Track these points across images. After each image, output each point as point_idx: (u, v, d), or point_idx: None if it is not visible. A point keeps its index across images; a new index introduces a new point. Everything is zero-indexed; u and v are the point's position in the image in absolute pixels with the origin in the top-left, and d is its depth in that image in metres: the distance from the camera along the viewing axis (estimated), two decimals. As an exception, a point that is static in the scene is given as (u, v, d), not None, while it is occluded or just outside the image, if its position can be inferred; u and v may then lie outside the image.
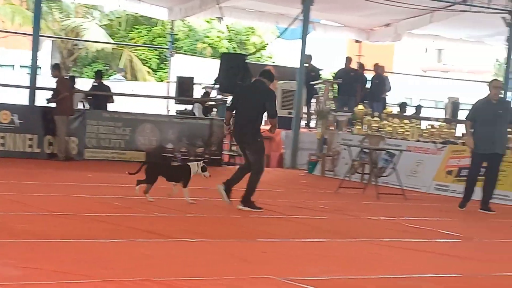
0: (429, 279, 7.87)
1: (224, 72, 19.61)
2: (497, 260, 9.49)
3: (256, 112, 12.05)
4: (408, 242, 10.19)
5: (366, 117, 19.16)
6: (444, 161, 17.01)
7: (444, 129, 18.41)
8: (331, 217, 12.18)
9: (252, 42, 42.91)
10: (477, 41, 28.72)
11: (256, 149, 12.04)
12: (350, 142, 18.05)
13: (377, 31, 27.29)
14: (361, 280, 7.55)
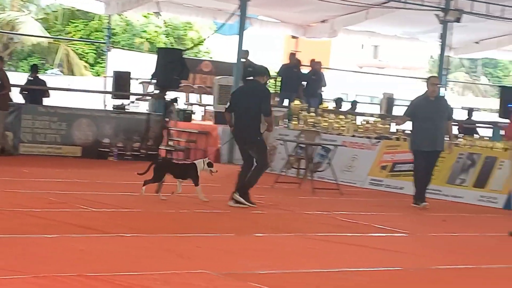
0: (362, 273, 7.93)
1: (161, 67, 19.52)
2: (429, 254, 9.60)
3: (254, 112, 12.29)
4: (342, 237, 10.26)
5: (302, 112, 19.25)
6: (378, 156, 17.18)
7: (379, 124, 18.59)
8: (267, 211, 12.20)
9: (189, 37, 42.81)
10: (412, 38, 29.04)
11: (258, 147, 12.43)
12: (287, 137, 18.11)
13: (313, 27, 27.41)
14: (295, 274, 7.58)
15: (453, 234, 11.43)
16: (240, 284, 6.83)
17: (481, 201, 15.04)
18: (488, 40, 28.93)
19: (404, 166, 16.42)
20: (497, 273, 8.62)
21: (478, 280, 8.17)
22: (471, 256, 9.68)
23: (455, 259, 9.32)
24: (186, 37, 42.77)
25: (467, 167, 15.75)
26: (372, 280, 7.70)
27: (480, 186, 15.30)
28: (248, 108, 12.25)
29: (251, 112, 12.25)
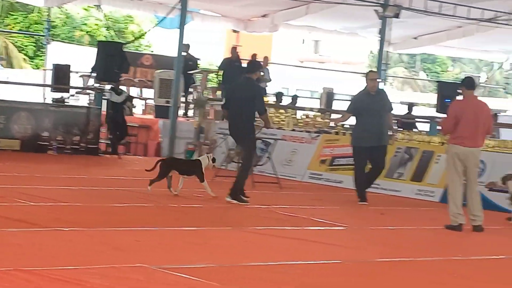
0: (300, 266, 7.96)
1: (101, 60, 19.36)
2: (367, 247, 9.69)
3: (247, 109, 12.35)
4: (281, 230, 10.28)
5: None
6: (318, 150, 17.27)
7: (319, 118, 18.67)
8: (207, 205, 12.18)
9: (130, 30, 42.53)
10: (352, 33, 29.25)
11: (248, 144, 12.50)
12: (227, 131, 18.05)
13: (254, 22, 27.44)
14: (234, 268, 7.58)
15: (391, 228, 11.54)
16: (178, 277, 6.80)
17: (418, 194, 15.21)
18: (426, 35, 29.28)
19: (343, 160, 16.54)
20: (433, 266, 8.72)
21: (414, 272, 8.26)
22: (408, 249, 9.79)
23: (392, 252, 9.42)
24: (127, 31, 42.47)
25: (404, 161, 15.92)
26: (311, 273, 7.74)
27: (417, 180, 15.48)
28: (241, 105, 12.36)
29: (244, 109, 12.36)
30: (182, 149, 19.89)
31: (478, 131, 11.62)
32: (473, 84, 11.98)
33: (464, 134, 11.51)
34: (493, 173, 14.51)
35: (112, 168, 17.04)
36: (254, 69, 12.69)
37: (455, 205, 11.49)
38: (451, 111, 11.80)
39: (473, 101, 11.82)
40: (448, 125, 11.75)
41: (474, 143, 11.59)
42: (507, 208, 13.74)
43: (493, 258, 9.65)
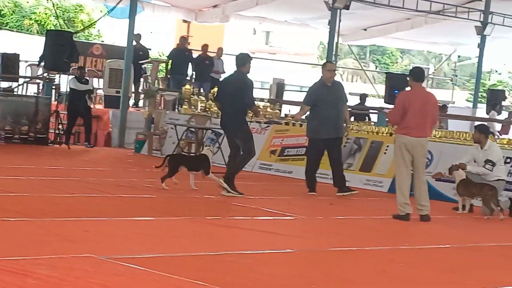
0: (250, 255, 7.99)
1: (49, 49, 19.15)
2: (316, 236, 9.76)
3: (237, 102, 12.55)
4: (231, 220, 10.31)
5: (193, 97, 19.21)
6: (268, 140, 17.30)
7: (269, 109, 18.70)
8: (157, 195, 12.14)
9: (80, 19, 42.13)
10: (302, 24, 29.32)
11: (244, 136, 12.70)
12: (177, 122, 18.07)
13: (205, 12, 27.37)
14: (183, 258, 7.58)
15: (339, 217, 11.62)
16: (126, 267, 6.78)
17: (367, 184, 15.32)
18: (376, 27, 29.49)
19: (292, 150, 16.60)
20: (380, 255, 8.81)
21: (362, 261, 8.33)
22: (356, 239, 9.86)
23: (341, 242, 9.49)
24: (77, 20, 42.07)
25: (354, 152, 16.02)
26: (260, 262, 7.77)
27: (366, 170, 15.59)
28: (232, 98, 12.59)
29: (234, 102, 12.57)
30: (132, 139, 19.80)
31: (426, 121, 11.74)
32: (421, 76, 12.10)
33: (411, 124, 11.63)
34: (440, 163, 14.68)
35: (61, 158, 16.90)
36: (244, 62, 12.80)
37: (403, 195, 11.60)
38: (398, 101, 11.90)
39: (421, 92, 11.94)
40: (395, 116, 11.86)
41: (421, 133, 11.72)
42: (453, 198, 13.92)
43: (438, 247, 9.77)
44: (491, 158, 12.84)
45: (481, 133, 13.12)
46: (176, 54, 22.86)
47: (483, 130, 13.27)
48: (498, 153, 13.04)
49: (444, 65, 55.81)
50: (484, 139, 13.05)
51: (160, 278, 6.53)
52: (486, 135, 13.19)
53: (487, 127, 14.11)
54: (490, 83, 58.61)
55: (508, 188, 13.61)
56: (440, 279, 7.84)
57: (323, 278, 7.31)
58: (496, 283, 7.76)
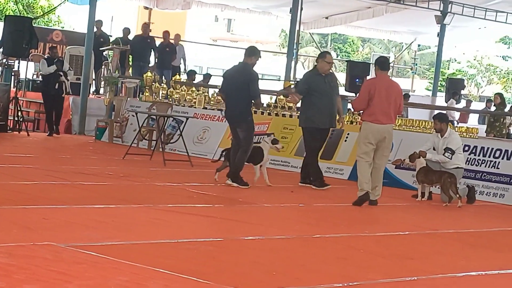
0: (211, 243, 7.98)
1: (8, 35, 18.93)
2: (276, 224, 9.76)
3: (242, 93, 12.52)
4: (192, 208, 10.28)
5: (155, 84, 19.13)
6: (229, 128, 17.23)
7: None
8: (117, 183, 12.09)
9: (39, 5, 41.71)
10: (264, 11, 29.29)
11: (246, 127, 12.65)
12: (138, 109, 17.99)
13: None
14: (143, 245, 7.55)
15: (300, 205, 11.65)
16: (86, 255, 6.74)
17: (328, 172, 15.35)
18: (337, 15, 29.56)
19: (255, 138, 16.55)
20: (341, 242, 8.85)
21: (323, 249, 8.37)
22: (317, 226, 9.90)
23: (302, 229, 9.51)
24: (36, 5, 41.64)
25: (314, 139, 16.00)
26: (221, 249, 7.77)
27: (327, 158, 15.61)
28: (237, 89, 12.58)
29: (239, 93, 12.56)
30: (92, 127, 19.67)
31: (390, 108, 11.87)
32: (386, 65, 12.34)
33: (377, 110, 11.78)
34: (400, 151, 14.76)
35: (20, 145, 16.75)
36: (251, 54, 12.76)
37: (363, 179, 11.80)
38: (364, 88, 12.05)
39: (386, 79, 12.15)
40: (361, 102, 12.01)
41: (387, 119, 11.88)
42: (412, 186, 14.03)
43: (398, 234, 9.84)
44: (451, 146, 12.95)
45: (442, 122, 13.22)
46: (137, 42, 22.72)
47: (443, 119, 13.37)
48: (457, 141, 13.16)
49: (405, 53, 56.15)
50: (445, 127, 13.17)
51: (120, 266, 6.49)
52: (447, 123, 13.32)
53: (446, 115, 14.22)
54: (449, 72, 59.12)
55: (466, 175, 13.75)
56: (399, 265, 7.90)
57: (284, 265, 7.32)
58: (454, 269, 7.83)
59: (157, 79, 19.48)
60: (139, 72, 21.34)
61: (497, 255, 9.02)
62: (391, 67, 37.21)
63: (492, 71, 64.98)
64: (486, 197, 13.77)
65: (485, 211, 12.86)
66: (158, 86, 19.06)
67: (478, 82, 65.34)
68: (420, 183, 13.01)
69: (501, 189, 13.72)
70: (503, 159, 13.95)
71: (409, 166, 13.59)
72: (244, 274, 6.88)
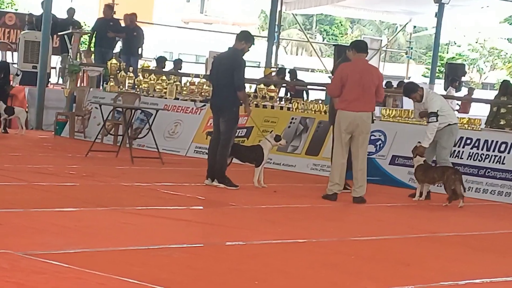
0: (184, 249, 8.01)
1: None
2: (256, 227, 9.80)
3: (228, 82, 12.52)
4: (164, 210, 10.31)
5: (120, 72, 19.12)
6: (204, 121, 17.29)
7: (205, 86, 18.68)
8: (80, 183, 12.10)
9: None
10: (241, -9, 29.27)
11: (229, 117, 12.63)
12: (103, 100, 17.96)
13: (132, -23, 27.18)
14: (109, 253, 7.58)
15: (284, 206, 11.69)
16: (47, 264, 6.75)
17: (314, 169, 15.43)
18: (323, -6, 29.57)
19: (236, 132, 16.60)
20: (330, 247, 8.90)
21: (309, 254, 8.41)
22: (302, 229, 9.93)
23: (285, 233, 9.55)
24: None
25: (299, 133, 16.10)
26: (197, 256, 7.81)
27: (313, 154, 15.68)
28: (223, 76, 12.63)
29: (225, 80, 12.60)
30: (51, 120, 19.64)
31: (366, 95, 12.06)
32: (364, 47, 12.40)
33: (350, 97, 12.02)
34: (394, 145, 14.85)
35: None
36: (241, 39, 12.80)
37: (334, 174, 12.11)
38: (337, 74, 12.32)
39: (361, 64, 12.27)
40: (334, 89, 12.30)
41: (362, 107, 12.08)
42: (409, 184, 14.11)
43: (393, 237, 9.91)
44: (431, 110, 12.89)
45: (411, 93, 13.19)
46: (100, 25, 22.69)
47: (410, 90, 13.28)
48: (435, 100, 12.96)
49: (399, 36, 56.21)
50: (418, 95, 13.11)
51: (85, 276, 6.52)
52: (415, 90, 13.19)
53: (408, 83, 13.99)
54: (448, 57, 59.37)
55: (468, 172, 13.86)
56: (395, 272, 7.96)
57: (266, 273, 7.36)
58: (455, 276, 7.90)
59: (123, 67, 19.46)
60: (102, 59, 21.31)
61: (503, 260, 9.10)
62: (384, 51, 37.40)
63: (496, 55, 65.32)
64: (490, 195, 13.87)
65: (489, 211, 12.96)
66: (124, 74, 19.04)
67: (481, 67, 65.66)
68: (420, 182, 13.00)
69: (507, 186, 13.82)
70: (509, 154, 14.04)
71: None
72: (223, 283, 6.92)
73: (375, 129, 14.41)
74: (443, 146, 13.04)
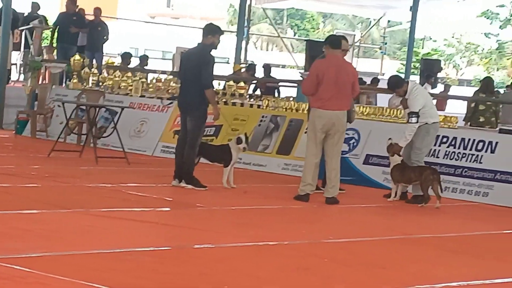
0: (151, 253, 8.00)
1: None
2: (224, 229, 9.81)
3: (196, 79, 12.42)
4: (129, 212, 10.29)
5: (84, 69, 19.06)
6: (171, 119, 17.27)
7: (172, 83, 18.67)
8: (42, 184, 12.05)
9: None
10: (210, -16, 29.27)
11: (197, 116, 12.49)
12: (65, 98, 17.90)
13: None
14: (73, 257, 7.55)
15: (254, 207, 11.71)
16: (9, 269, 6.73)
17: (285, 169, 15.45)
18: (294, -13, 29.62)
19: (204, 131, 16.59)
20: (302, 249, 8.92)
21: (280, 257, 8.42)
22: (273, 231, 9.94)
23: (256, 235, 9.55)
24: None
25: (270, 131, 16.11)
26: (164, 260, 7.79)
27: (284, 153, 15.70)
28: (190, 73, 12.55)
29: (192, 77, 12.50)
30: (12, 119, 19.54)
31: (342, 93, 12.11)
32: (338, 43, 12.41)
33: (326, 95, 12.05)
34: (368, 143, 14.90)
35: None
36: (207, 33, 12.72)
37: (307, 174, 12.15)
38: (312, 71, 12.33)
39: (336, 60, 12.28)
40: (308, 87, 12.29)
41: (338, 105, 12.13)
42: (383, 184, 14.16)
43: (368, 239, 9.95)
44: (412, 109, 12.83)
45: (395, 88, 13.17)
46: (63, 20, 22.60)
47: (393, 84, 13.24)
48: (417, 99, 12.90)
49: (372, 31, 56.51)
50: (402, 91, 13.07)
51: (48, 281, 6.50)
52: (400, 85, 13.17)
53: (393, 76, 13.87)
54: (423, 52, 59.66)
55: (444, 171, 13.93)
56: (369, 275, 7.99)
57: (236, 277, 7.37)
58: (432, 279, 7.94)
59: (87, 63, 19.39)
60: (65, 55, 21.23)
61: (481, 262, 9.16)
62: (357, 46, 37.53)
63: (473, 51, 65.71)
64: (467, 196, 13.94)
65: (466, 212, 13.04)
66: (88, 71, 18.97)
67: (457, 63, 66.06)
68: (396, 182, 13.00)
69: (484, 186, 13.90)
70: (487, 152, 14.13)
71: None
72: (191, 287, 6.93)
73: (348, 127, 14.44)
74: (416, 147, 12.97)
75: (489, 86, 18.96)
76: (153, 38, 46.71)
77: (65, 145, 16.53)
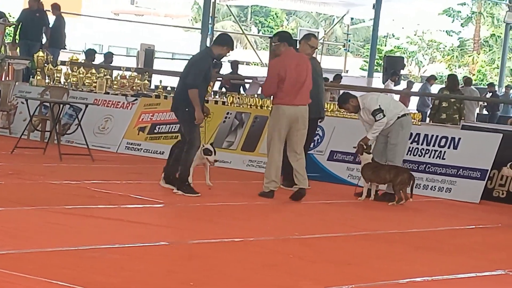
0: (118, 250, 7.97)
1: None
2: (190, 226, 9.82)
3: (184, 80, 12.17)
4: (94, 209, 10.25)
5: (48, 65, 18.95)
6: (135, 116, 17.22)
7: (137, 80, 18.63)
8: (6, 182, 11.97)
9: None
10: (174, -19, 29.21)
11: (185, 118, 12.15)
12: (29, 95, 17.80)
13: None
14: (37, 254, 7.50)
15: (218, 204, 11.69)
16: (-28, 267, 6.67)
17: (250, 166, 15.45)
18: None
19: (164, 127, 16.58)
20: (267, 246, 8.92)
21: (245, 254, 8.43)
22: (237, 228, 9.95)
23: (221, 232, 9.54)
24: None
25: (235, 128, 16.11)
26: (131, 257, 7.76)
27: (249, 150, 15.70)
28: (182, 74, 12.34)
29: (183, 78, 12.25)
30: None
31: (302, 88, 12.17)
32: (293, 40, 12.55)
33: (290, 92, 12.08)
34: (332, 140, 14.92)
35: None
36: (216, 42, 12.49)
37: (272, 171, 12.18)
38: (272, 70, 12.28)
39: (294, 56, 12.32)
40: (271, 86, 12.27)
41: (301, 100, 12.18)
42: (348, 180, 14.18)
43: (333, 236, 9.96)
44: (373, 108, 12.80)
45: (346, 104, 13.12)
46: (26, 16, 22.43)
47: (344, 100, 13.21)
48: (372, 99, 12.91)
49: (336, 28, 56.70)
50: (351, 106, 13.06)
51: (12, 279, 6.45)
52: (346, 101, 13.14)
53: (344, 94, 13.77)
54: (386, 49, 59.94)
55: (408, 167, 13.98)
56: (335, 271, 8.00)
57: (202, 274, 7.35)
58: (397, 275, 7.96)
59: (50, 60, 19.27)
60: (28, 52, 21.09)
61: (445, 258, 9.19)
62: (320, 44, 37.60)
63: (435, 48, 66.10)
64: (431, 191, 14.02)
65: (430, 208, 13.09)
66: (52, 68, 18.86)
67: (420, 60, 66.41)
68: (367, 181, 12.85)
69: (447, 182, 13.98)
70: (449, 148, 14.21)
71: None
72: (158, 285, 6.89)
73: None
74: (391, 142, 12.90)
75: (455, 83, 19.13)
76: (117, 35, 46.54)
77: (28, 142, 16.42)
